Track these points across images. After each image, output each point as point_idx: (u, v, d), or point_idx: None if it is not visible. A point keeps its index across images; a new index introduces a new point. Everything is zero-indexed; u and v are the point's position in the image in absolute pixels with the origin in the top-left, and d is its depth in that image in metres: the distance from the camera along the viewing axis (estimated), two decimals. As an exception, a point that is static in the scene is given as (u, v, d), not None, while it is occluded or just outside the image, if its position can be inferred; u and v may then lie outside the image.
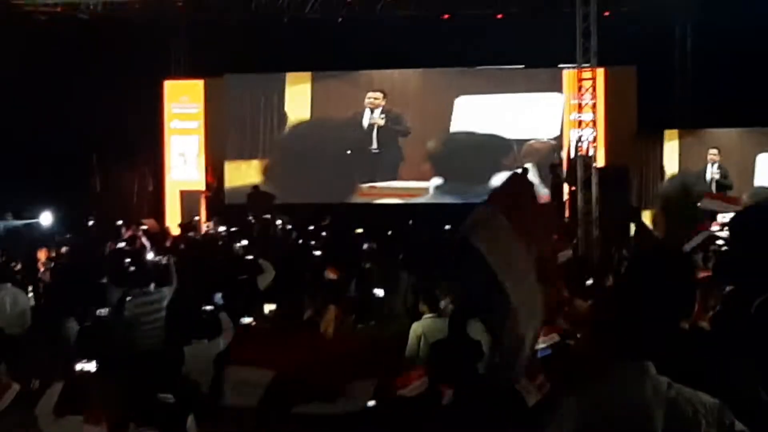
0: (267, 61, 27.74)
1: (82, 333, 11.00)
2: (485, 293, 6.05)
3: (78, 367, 7.90)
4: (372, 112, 27.78)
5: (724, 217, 20.51)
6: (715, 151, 26.03)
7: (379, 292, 12.44)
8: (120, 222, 24.09)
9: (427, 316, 11.43)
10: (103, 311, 12.09)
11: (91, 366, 7.78)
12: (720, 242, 17.77)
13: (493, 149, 27.12)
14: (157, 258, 16.75)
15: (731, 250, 5.28)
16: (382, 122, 27.68)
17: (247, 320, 11.51)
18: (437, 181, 27.54)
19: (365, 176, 27.90)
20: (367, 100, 27.77)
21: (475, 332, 10.68)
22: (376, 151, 27.77)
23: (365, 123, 27.80)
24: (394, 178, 27.73)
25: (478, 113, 27.52)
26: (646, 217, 23.46)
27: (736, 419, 3.81)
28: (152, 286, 12.46)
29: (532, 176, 25.01)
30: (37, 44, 24.67)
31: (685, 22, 26.62)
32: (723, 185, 25.26)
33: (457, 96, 27.62)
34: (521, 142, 27.00)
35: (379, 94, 27.74)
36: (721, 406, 3.81)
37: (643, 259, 4.64)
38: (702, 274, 8.03)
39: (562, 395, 4.21)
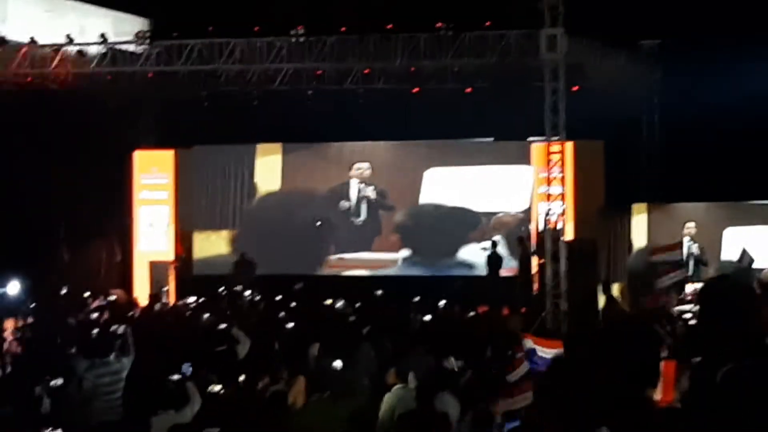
0: (237, 132, 27.86)
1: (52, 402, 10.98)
2: None
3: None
4: (361, 183, 27.92)
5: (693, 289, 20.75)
6: (692, 224, 25.25)
7: (338, 364, 12.37)
8: (88, 293, 24.00)
9: (397, 387, 11.43)
10: (58, 381, 12.00)
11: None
12: (686, 316, 17.93)
13: (462, 222, 27.24)
14: (115, 328, 16.71)
15: (699, 322, 5.34)
16: (372, 195, 27.80)
17: (216, 388, 11.48)
18: (405, 252, 27.60)
19: (338, 248, 27.96)
20: (354, 171, 27.87)
21: (444, 404, 10.72)
22: (360, 222, 27.87)
23: (353, 194, 27.90)
24: (369, 250, 27.77)
25: (447, 185, 27.68)
26: (615, 290, 23.59)
27: None
28: (113, 356, 12.45)
29: (501, 249, 25.16)
30: (6, 113, 24.68)
31: (653, 98, 26.92)
32: (701, 261, 24.73)
33: (426, 168, 27.78)
34: (490, 215, 27.11)
35: (366, 164, 27.88)
36: None
37: (610, 331, 4.69)
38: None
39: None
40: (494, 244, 25.31)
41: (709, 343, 4.83)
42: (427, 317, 19.40)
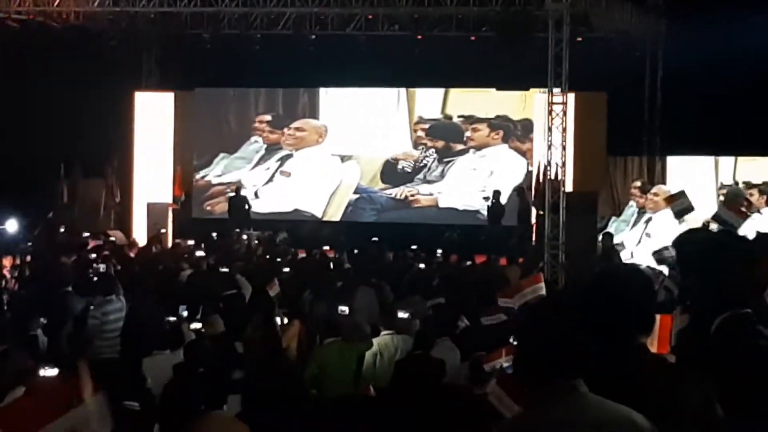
0: (238, 76, 27.78)
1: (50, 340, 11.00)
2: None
3: (41, 373, 7.86)
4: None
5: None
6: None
7: (344, 309, 12.45)
8: (87, 233, 24.02)
9: (384, 333, 11.46)
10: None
11: (52, 372, 7.74)
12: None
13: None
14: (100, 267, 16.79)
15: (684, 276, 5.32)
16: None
17: (196, 326, 11.56)
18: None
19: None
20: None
21: (444, 351, 10.75)
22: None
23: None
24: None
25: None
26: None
27: None
28: (114, 295, 12.49)
29: (503, 199, 25.17)
30: (7, 52, 24.57)
31: (657, 51, 26.78)
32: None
33: (426, 114, 27.84)
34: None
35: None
36: (651, 430, 3.75)
37: (605, 275, 4.65)
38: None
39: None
40: (496, 195, 25.29)
41: (701, 294, 4.83)
42: (422, 265, 19.43)
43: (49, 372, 7.82)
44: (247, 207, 26.31)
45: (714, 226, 15.77)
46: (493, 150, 27.42)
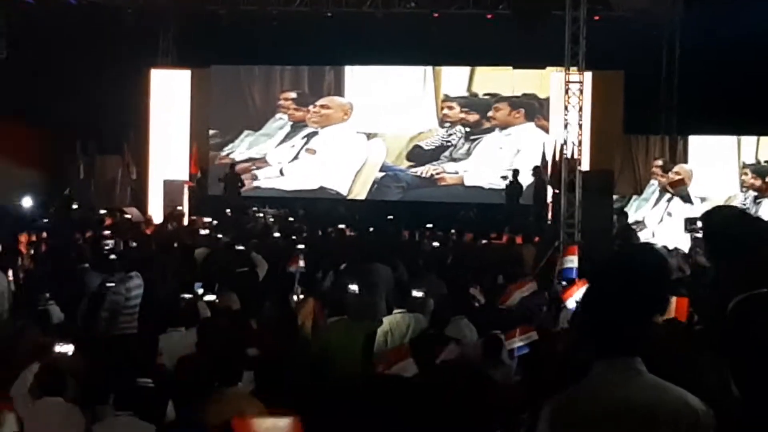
0: (254, 53, 27.76)
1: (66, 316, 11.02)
2: None
3: (56, 349, 7.88)
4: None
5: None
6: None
7: (354, 288, 12.39)
8: (103, 210, 24.06)
9: (397, 312, 11.44)
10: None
11: (68, 348, 7.76)
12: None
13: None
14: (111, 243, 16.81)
15: (707, 255, 5.29)
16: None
17: (211, 297, 11.57)
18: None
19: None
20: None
21: (460, 330, 10.73)
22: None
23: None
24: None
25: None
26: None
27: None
28: (134, 273, 12.48)
29: (522, 178, 25.13)
30: (24, 28, 24.60)
31: (674, 30, 26.63)
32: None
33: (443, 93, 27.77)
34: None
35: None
36: (705, 413, 3.70)
37: (619, 255, 4.63)
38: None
39: (541, 395, 4.17)
40: (515, 173, 25.27)
41: (720, 275, 4.80)
42: (436, 243, 19.42)
43: (65, 348, 7.84)
44: (239, 185, 26.41)
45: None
46: (519, 128, 27.41)
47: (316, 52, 27.13)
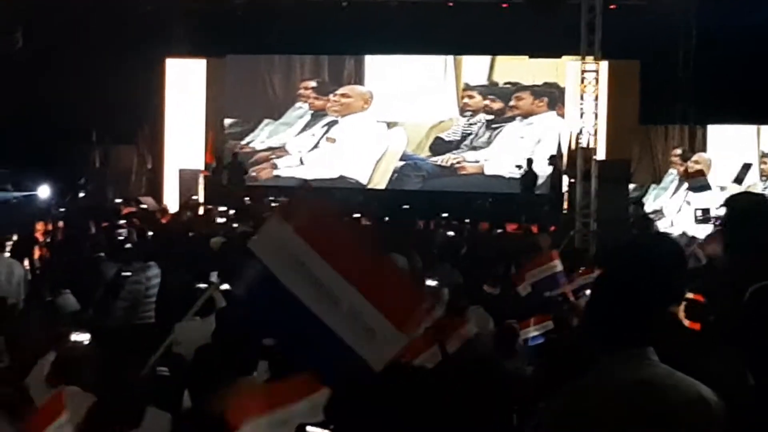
0: (270, 42, 27.73)
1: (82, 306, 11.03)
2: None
3: (72, 338, 7.89)
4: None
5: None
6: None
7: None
8: (119, 200, 24.11)
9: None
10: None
11: (84, 337, 7.77)
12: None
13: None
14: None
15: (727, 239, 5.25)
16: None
17: (226, 287, 11.56)
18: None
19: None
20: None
21: (474, 318, 10.70)
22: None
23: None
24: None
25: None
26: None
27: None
28: (152, 262, 12.49)
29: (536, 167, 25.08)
30: (40, 18, 24.64)
31: (690, 18, 26.52)
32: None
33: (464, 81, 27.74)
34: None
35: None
36: (717, 404, 3.68)
37: (636, 244, 4.62)
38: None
39: (555, 384, 4.15)
40: (530, 162, 25.23)
41: (736, 263, 4.78)
42: (450, 233, 19.40)
43: (81, 337, 7.85)
44: (243, 173, 26.52)
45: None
46: (541, 117, 27.30)
47: (331, 41, 27.09)
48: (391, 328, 4.84)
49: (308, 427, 4.90)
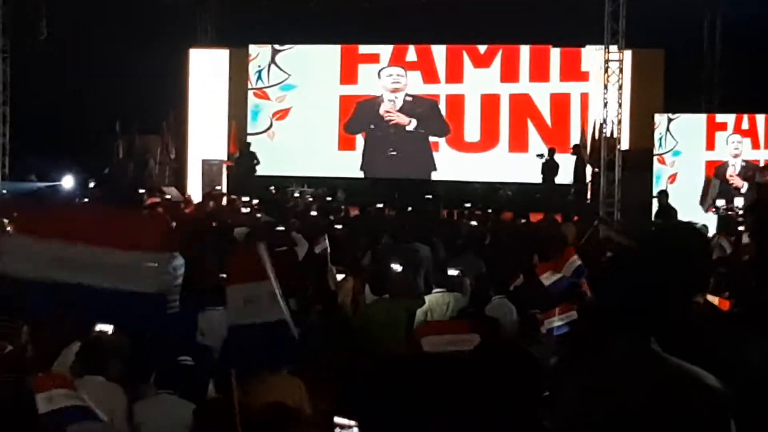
0: (293, 33, 27.74)
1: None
2: None
3: (96, 328, 7.91)
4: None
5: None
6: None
7: (396, 267, 12.40)
8: (143, 190, 24.15)
9: (436, 291, 11.41)
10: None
11: (108, 327, 7.79)
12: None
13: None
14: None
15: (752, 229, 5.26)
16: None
17: None
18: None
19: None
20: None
21: (500, 309, 10.68)
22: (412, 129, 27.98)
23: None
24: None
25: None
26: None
27: (734, 415, 3.62)
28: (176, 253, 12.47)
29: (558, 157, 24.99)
30: (65, 8, 24.70)
31: (715, 7, 26.40)
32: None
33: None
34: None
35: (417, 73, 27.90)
36: (722, 394, 3.63)
37: (661, 233, 4.60)
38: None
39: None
40: (551, 152, 25.16)
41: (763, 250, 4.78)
42: (474, 223, 19.38)
43: (105, 327, 7.86)
44: (254, 162, 26.56)
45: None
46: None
47: (355, 32, 27.09)
48: (138, 253, 5.72)
49: (336, 418, 4.92)
